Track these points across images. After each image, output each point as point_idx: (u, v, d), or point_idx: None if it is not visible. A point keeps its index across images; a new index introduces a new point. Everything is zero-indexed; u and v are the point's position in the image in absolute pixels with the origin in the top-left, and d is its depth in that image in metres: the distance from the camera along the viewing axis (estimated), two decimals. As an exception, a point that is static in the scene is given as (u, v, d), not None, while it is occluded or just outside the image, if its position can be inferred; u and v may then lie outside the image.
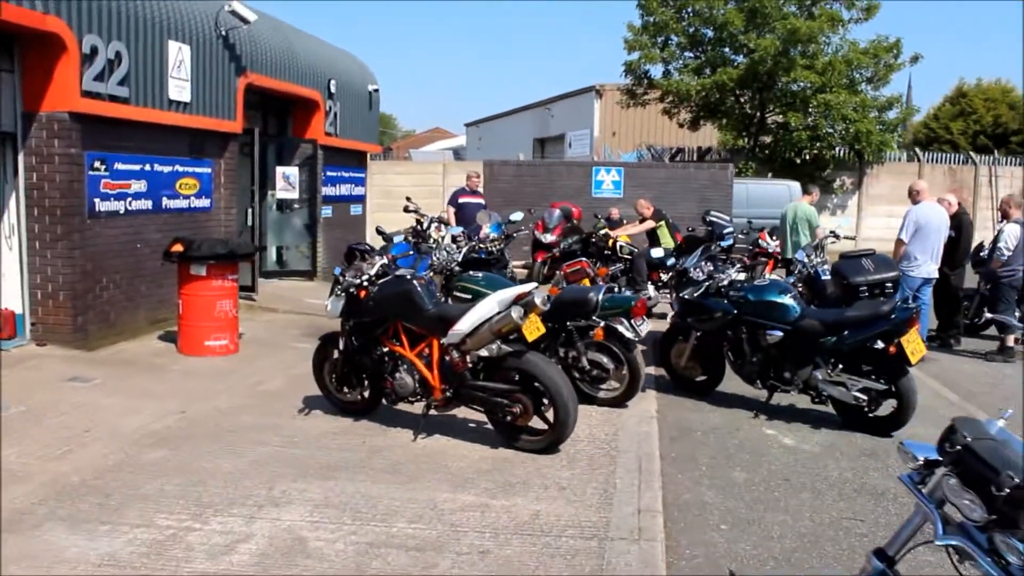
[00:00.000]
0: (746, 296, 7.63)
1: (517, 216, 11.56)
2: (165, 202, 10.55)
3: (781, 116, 25.62)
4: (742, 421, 7.48)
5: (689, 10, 25.21)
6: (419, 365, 6.35)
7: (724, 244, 9.15)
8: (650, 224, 12.31)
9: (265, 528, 4.75)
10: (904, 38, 24.87)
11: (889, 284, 8.65)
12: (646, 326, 7.49)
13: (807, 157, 25.37)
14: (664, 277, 12.08)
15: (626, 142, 33.76)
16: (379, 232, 12.65)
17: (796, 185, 22.18)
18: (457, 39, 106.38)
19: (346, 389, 7.00)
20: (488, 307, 6.03)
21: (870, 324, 6.99)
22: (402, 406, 6.81)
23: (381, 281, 6.60)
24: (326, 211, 15.24)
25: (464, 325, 6.03)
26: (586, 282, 9.76)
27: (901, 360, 6.91)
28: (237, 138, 12.07)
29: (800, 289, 10.45)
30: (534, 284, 6.34)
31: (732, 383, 8.14)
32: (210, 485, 5.38)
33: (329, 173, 15.29)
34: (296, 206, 14.79)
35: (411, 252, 10.66)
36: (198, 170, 11.21)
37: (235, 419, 6.93)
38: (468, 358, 6.14)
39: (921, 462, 2.74)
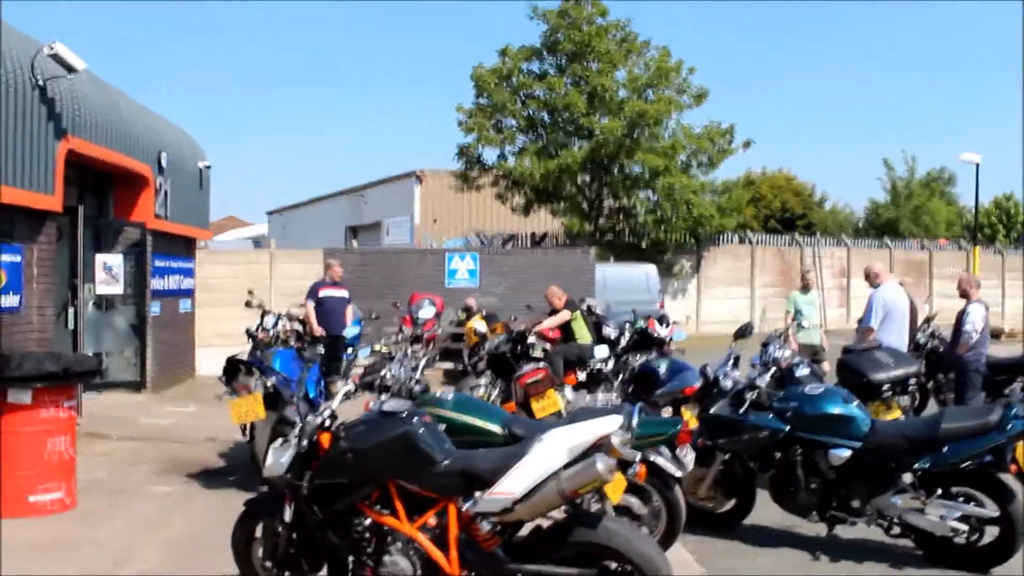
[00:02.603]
0: (799, 408, 5.99)
1: (427, 313, 9.59)
2: (-40, 302, 7.83)
3: (622, 200, 24.97)
4: (802, 564, 5.78)
5: (525, 93, 24.26)
6: (423, 543, 4.19)
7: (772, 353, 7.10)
8: (565, 315, 10.59)
9: None
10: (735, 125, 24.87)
11: (912, 381, 7.34)
12: (691, 456, 5.67)
13: (649, 241, 24.75)
14: (581, 376, 10.38)
15: (449, 229, 32.25)
16: (250, 336, 10.32)
17: (653, 268, 21.36)
18: (249, 121, 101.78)
19: (294, 581, 4.66)
20: (551, 455, 4.03)
21: (978, 437, 5.50)
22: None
23: (360, 422, 4.45)
24: (154, 308, 12.58)
25: (514, 485, 3.99)
26: (552, 396, 7.82)
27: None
28: (55, 218, 9.45)
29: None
30: (614, 418, 4.33)
31: (757, 514, 6.46)
32: None
33: (157, 263, 12.69)
34: (119, 303, 12.07)
35: (299, 361, 8.50)
36: (4, 258, 8.53)
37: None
38: (493, 526, 4.11)
39: None
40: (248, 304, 14.02)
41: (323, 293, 12.60)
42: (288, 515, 4.43)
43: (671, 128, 24.61)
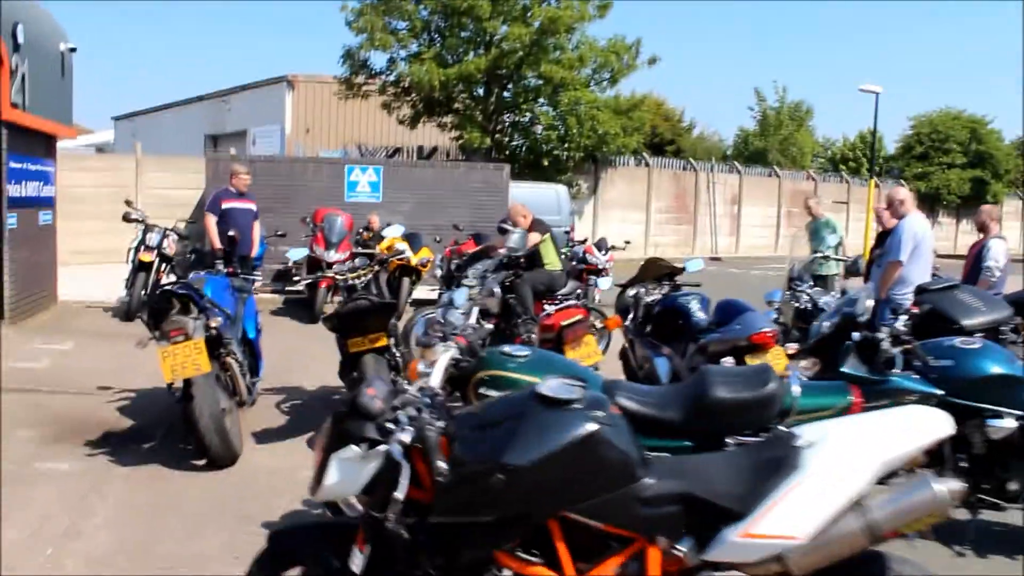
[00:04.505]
0: (956, 368, 4.63)
1: (396, 230, 7.76)
2: None
3: (522, 114, 23.30)
4: (944, 560, 4.51)
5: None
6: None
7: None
8: (536, 238, 8.95)
9: None
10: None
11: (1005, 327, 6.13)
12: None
13: (549, 159, 23.23)
14: (549, 308, 8.80)
15: (325, 139, 29.71)
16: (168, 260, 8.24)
17: (564, 188, 19.94)
18: (87, 12, 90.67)
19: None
20: (850, 474, 2.49)
21: None
22: None
23: (494, 419, 2.73)
24: (11, 220, 10.18)
25: (794, 521, 2.44)
26: (591, 342, 6.18)
27: None
28: None
29: (789, 326, 7.82)
30: (940, 414, 2.82)
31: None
32: None
33: (13, 164, 10.24)
34: (-36, 213, 9.66)
35: (233, 291, 6.61)
36: None
37: None
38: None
39: None
40: (127, 217, 11.74)
41: (227, 205, 10.53)
42: (359, 564, 2.69)
43: (574, 39, 23.01)
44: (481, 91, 23.33)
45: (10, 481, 5.25)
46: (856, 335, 4.80)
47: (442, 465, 2.51)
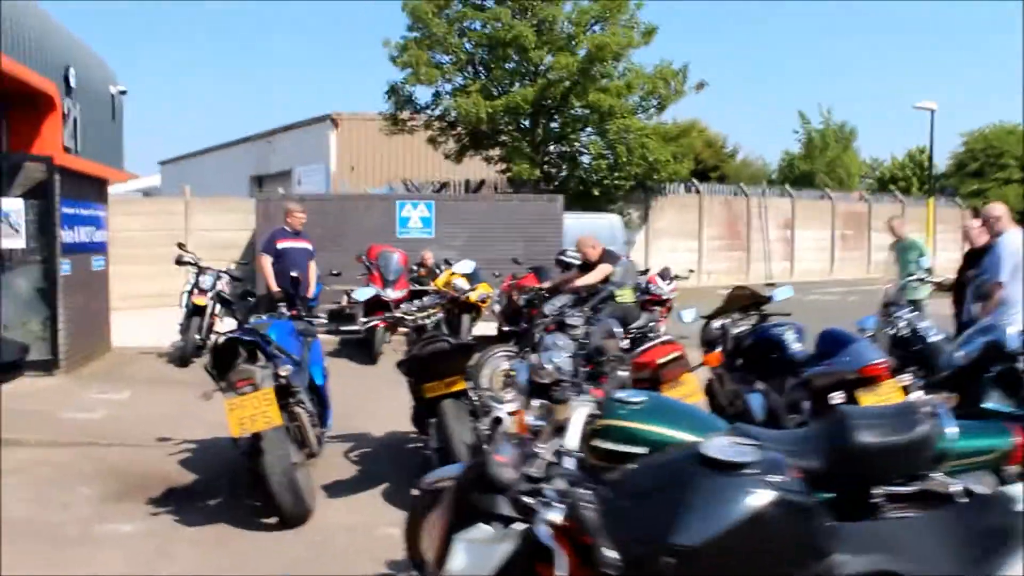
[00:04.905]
0: None
1: (467, 265, 7.38)
2: None
3: (572, 144, 22.95)
4: None
5: (464, 25, 21.81)
6: None
7: None
8: (607, 269, 8.52)
9: None
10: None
11: None
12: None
13: (600, 189, 22.79)
14: (624, 343, 8.31)
15: (370, 177, 29.56)
16: (246, 296, 7.96)
17: (618, 218, 19.53)
18: (135, 58, 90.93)
19: None
20: None
21: None
22: None
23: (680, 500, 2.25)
24: (64, 266, 9.96)
25: None
26: (691, 381, 5.70)
27: None
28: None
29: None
30: None
31: None
32: None
33: (66, 210, 10.04)
34: (17, 260, 9.45)
35: (298, 335, 6.25)
36: None
37: None
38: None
39: None
40: (179, 260, 11.52)
41: (282, 245, 10.24)
42: None
43: (620, 67, 22.65)
44: (527, 122, 23.02)
45: (73, 543, 4.89)
46: (996, 366, 4.29)
47: (612, 555, 2.06)
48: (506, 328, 11.38)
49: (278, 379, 5.11)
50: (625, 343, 7.50)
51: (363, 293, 7.36)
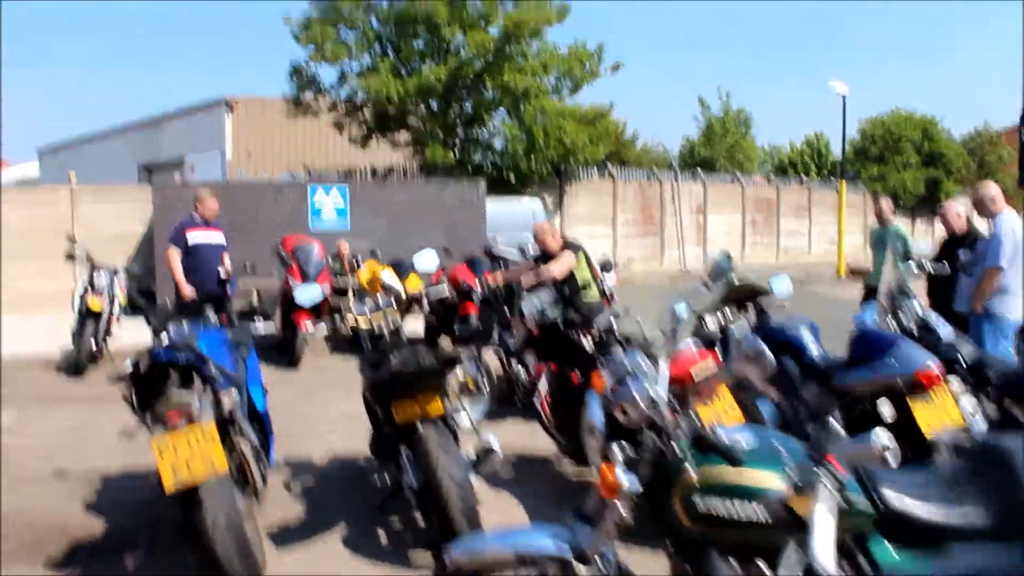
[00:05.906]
0: None
1: (429, 259, 6.35)
2: None
3: (486, 126, 22.00)
4: None
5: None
6: None
7: None
8: (570, 260, 7.60)
9: None
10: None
11: None
12: None
13: (515, 174, 21.88)
14: (586, 344, 7.40)
15: (269, 164, 27.93)
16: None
17: (538, 203, 18.70)
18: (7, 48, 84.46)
19: None
20: None
21: None
22: None
23: None
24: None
25: None
26: (727, 396, 4.77)
27: None
28: None
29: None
30: None
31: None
32: None
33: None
34: None
35: (231, 346, 5.15)
36: None
37: None
38: None
39: None
40: (70, 256, 10.13)
41: (193, 236, 9.02)
42: None
43: (535, 47, 21.75)
44: (438, 104, 21.92)
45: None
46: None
47: None
48: (436, 326, 10.38)
49: (220, 409, 4.03)
50: (587, 344, 6.54)
51: (307, 293, 6.23)
